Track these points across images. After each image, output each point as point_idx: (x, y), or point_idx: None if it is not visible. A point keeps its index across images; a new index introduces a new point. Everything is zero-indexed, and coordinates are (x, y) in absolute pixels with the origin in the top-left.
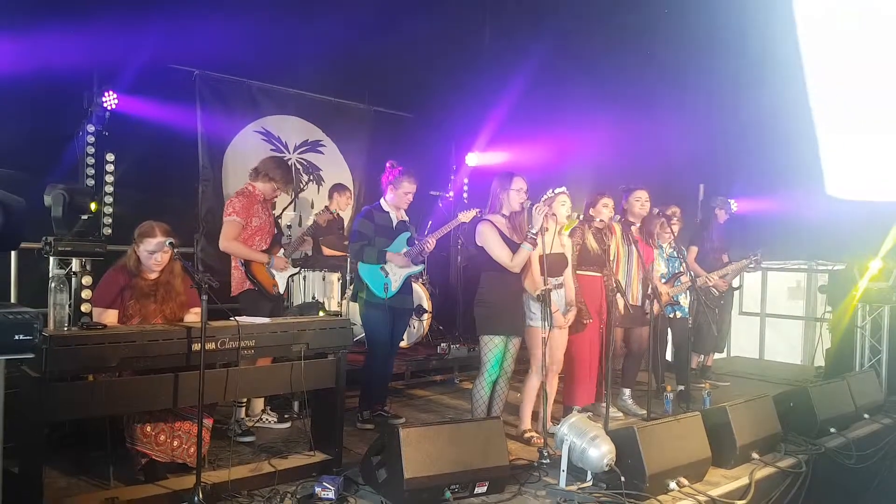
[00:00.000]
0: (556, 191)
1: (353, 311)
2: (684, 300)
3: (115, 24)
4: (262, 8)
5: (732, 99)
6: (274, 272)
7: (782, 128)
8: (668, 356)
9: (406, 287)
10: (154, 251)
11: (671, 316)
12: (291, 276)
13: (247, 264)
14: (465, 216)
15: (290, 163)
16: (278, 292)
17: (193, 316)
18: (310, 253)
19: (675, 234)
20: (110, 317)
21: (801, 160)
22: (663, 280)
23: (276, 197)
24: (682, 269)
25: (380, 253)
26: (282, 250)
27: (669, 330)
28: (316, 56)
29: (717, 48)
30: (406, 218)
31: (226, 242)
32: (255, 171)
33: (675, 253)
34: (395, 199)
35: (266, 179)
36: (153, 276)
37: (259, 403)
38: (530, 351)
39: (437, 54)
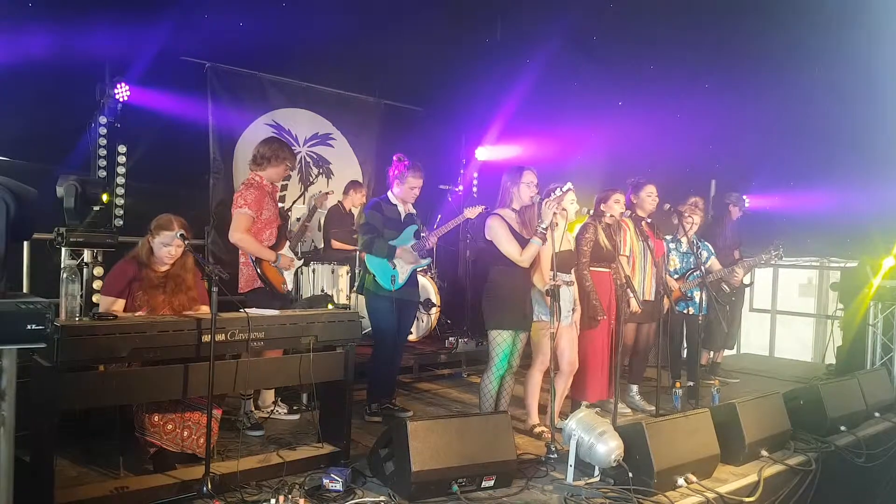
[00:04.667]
0: (564, 188)
1: (361, 304)
2: (698, 296)
3: (128, 16)
4: (273, 1)
5: (745, 95)
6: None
7: (794, 125)
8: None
9: (412, 279)
10: (168, 244)
11: (685, 312)
12: (297, 268)
13: (257, 261)
14: (471, 212)
15: (299, 156)
16: (287, 290)
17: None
18: (319, 245)
19: (698, 224)
20: (118, 307)
21: (812, 157)
22: (675, 276)
23: (287, 178)
24: (696, 265)
25: (390, 248)
26: (287, 242)
27: (685, 326)
28: (326, 49)
29: (728, 44)
30: (413, 211)
31: (237, 234)
32: (262, 157)
33: (691, 249)
34: (402, 193)
35: (278, 161)
36: (164, 268)
37: (270, 394)
38: (536, 345)
39: (447, 48)
